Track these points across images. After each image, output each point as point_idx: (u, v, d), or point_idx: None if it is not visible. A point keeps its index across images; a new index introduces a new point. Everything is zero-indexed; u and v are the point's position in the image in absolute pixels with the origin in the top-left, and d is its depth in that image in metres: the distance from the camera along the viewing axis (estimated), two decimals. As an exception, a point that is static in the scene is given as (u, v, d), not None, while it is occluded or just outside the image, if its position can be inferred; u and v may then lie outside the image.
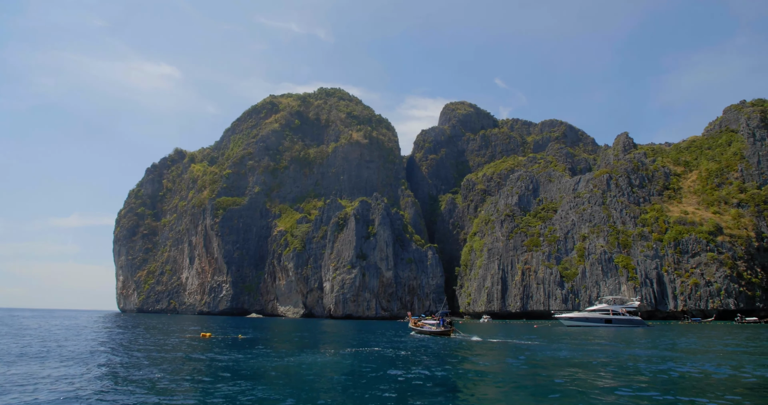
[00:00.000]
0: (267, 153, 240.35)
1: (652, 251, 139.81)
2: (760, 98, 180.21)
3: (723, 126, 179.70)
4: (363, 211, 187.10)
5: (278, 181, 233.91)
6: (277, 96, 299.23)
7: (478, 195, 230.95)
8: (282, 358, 24.84)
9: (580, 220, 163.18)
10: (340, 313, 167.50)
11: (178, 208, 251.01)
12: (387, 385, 16.36)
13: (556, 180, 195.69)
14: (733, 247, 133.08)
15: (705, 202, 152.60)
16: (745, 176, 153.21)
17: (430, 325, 48.49)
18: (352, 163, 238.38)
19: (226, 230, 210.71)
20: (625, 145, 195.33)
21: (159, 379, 17.31)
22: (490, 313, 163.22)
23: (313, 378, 18.60)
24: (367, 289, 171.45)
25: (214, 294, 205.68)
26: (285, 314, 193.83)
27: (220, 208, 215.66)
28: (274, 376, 18.94)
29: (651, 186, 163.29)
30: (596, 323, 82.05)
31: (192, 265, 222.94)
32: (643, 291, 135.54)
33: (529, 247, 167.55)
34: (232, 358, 24.32)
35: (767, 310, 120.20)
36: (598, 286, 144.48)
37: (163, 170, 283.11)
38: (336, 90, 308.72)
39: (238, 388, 15.44)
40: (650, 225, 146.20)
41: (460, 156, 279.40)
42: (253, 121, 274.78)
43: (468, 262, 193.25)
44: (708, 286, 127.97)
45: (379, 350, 30.06)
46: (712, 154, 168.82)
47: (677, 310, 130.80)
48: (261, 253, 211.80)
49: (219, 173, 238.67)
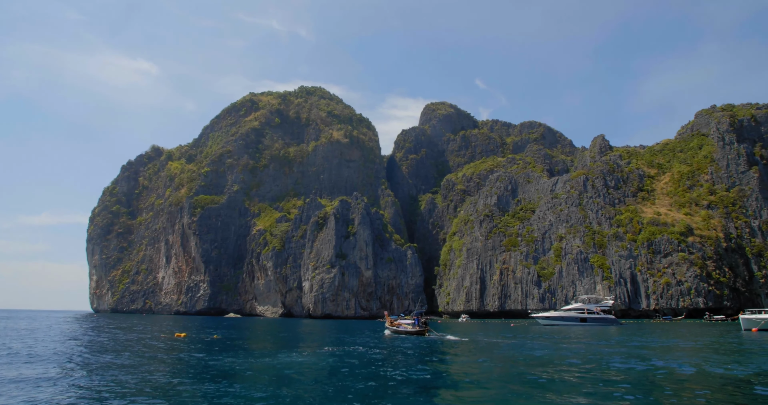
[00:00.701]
0: (246, 151, 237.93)
1: (626, 251, 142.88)
2: (729, 103, 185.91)
3: (694, 130, 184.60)
4: (343, 211, 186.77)
5: (258, 179, 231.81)
6: (257, 94, 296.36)
7: (458, 195, 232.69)
8: (257, 358, 24.70)
9: (557, 220, 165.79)
10: (319, 312, 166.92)
11: (154, 206, 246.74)
12: (362, 384, 16.43)
13: (535, 181, 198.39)
14: (703, 247, 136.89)
15: (677, 203, 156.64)
16: (714, 179, 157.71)
17: (406, 325, 48.81)
18: (332, 162, 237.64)
19: (204, 229, 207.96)
20: (602, 147, 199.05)
21: (128, 380, 17.05)
22: (469, 312, 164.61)
23: (288, 378, 18.55)
24: (346, 288, 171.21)
25: (191, 294, 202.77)
26: (263, 314, 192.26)
27: (198, 207, 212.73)
28: (249, 375, 18.84)
29: (626, 187, 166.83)
30: (572, 322, 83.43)
31: (168, 264, 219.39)
32: (617, 290, 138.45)
33: (507, 247, 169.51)
34: (206, 358, 24.08)
35: (734, 308, 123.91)
36: (574, 285, 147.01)
37: (140, 168, 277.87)
38: (317, 89, 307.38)
39: (212, 389, 15.33)
40: (625, 226, 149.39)
41: (441, 156, 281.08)
42: (232, 119, 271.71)
43: (447, 262, 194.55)
44: (679, 285, 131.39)
45: (355, 349, 30.11)
46: (684, 157, 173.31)
47: (650, 309, 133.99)
48: (239, 253, 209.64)
49: (197, 171, 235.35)
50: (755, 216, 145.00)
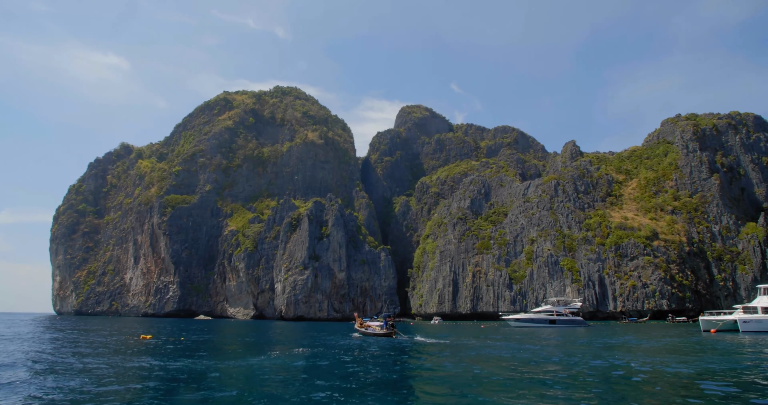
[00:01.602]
0: (219, 150, 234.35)
1: (594, 255, 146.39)
2: (693, 113, 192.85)
3: (660, 137, 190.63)
4: (316, 212, 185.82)
5: (230, 179, 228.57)
6: (232, 93, 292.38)
7: (432, 198, 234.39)
8: (224, 360, 24.39)
9: (529, 224, 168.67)
10: (292, 314, 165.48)
11: (123, 205, 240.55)
12: (329, 386, 16.43)
13: (507, 185, 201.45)
14: (667, 251, 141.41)
15: (643, 208, 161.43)
16: (678, 185, 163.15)
17: (375, 327, 49.41)
18: (306, 163, 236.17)
19: (175, 229, 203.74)
20: (573, 152, 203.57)
21: (86, 385, 16.61)
22: (441, 314, 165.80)
23: (256, 380, 18.40)
24: (319, 290, 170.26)
25: (160, 295, 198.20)
26: (235, 316, 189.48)
27: (168, 206, 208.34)
28: (215, 378, 18.59)
29: (595, 192, 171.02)
30: (541, 324, 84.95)
31: (137, 265, 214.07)
32: (585, 292, 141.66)
33: (480, 249, 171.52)
34: (171, 361, 23.65)
35: (696, 310, 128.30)
36: (544, 287, 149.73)
37: (108, 165, 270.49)
38: (292, 89, 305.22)
39: (175, 392, 15.09)
40: (594, 230, 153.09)
41: (415, 159, 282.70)
42: (205, 118, 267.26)
43: (420, 264, 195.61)
44: (644, 287, 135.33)
45: (324, 351, 30.03)
46: (651, 163, 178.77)
47: (616, 311, 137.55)
48: (211, 253, 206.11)
49: (168, 170, 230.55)
50: (716, 221, 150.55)
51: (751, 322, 51.21)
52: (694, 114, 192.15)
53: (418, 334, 50.46)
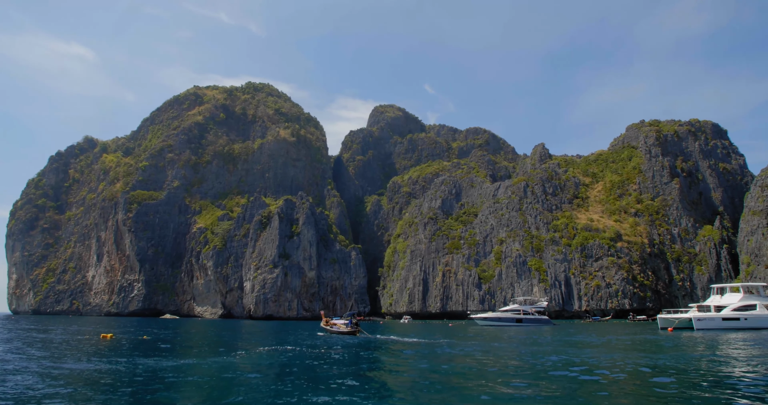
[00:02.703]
0: (188, 146, 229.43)
1: (561, 255, 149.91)
2: (656, 119, 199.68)
3: (625, 142, 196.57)
4: (287, 210, 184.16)
5: (200, 176, 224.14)
6: (202, 87, 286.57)
7: (404, 197, 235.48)
8: (188, 360, 23.99)
9: (498, 224, 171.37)
10: (261, 313, 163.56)
11: (86, 200, 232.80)
12: (284, 385, 16.39)
13: (478, 186, 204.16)
14: (630, 252, 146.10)
15: (608, 210, 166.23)
16: (641, 188, 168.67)
17: (340, 325, 50.49)
18: (278, 160, 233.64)
19: (141, 226, 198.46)
20: (542, 155, 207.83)
21: (38, 385, 16.09)
22: (411, 313, 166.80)
23: (216, 379, 18.17)
24: (289, 289, 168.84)
25: (124, 294, 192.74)
26: (202, 315, 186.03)
27: (134, 202, 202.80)
28: (178, 378, 18.27)
29: (563, 194, 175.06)
30: (508, 323, 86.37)
31: (100, 262, 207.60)
32: (552, 292, 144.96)
33: (450, 249, 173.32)
34: (131, 360, 23.11)
35: (656, 309, 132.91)
36: (512, 287, 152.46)
37: (70, 159, 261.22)
38: (265, 85, 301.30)
39: (134, 393, 14.78)
40: (561, 231, 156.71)
41: (388, 158, 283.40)
42: (174, 112, 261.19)
43: (391, 263, 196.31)
44: (608, 287, 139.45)
45: (289, 350, 29.88)
46: (616, 167, 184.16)
47: (581, 310, 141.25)
48: (178, 251, 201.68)
49: (134, 165, 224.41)
50: (675, 224, 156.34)
51: (705, 320, 53.47)
52: (657, 120, 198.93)
53: (382, 333, 51.45)
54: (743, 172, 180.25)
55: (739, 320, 54.12)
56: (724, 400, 13.15)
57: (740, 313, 54.56)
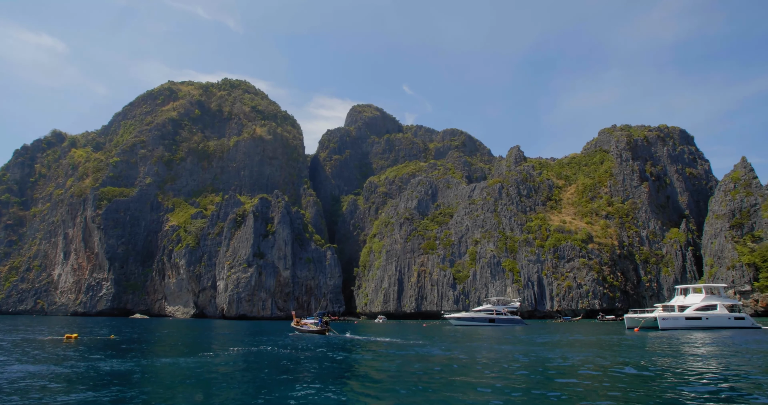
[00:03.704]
0: (162, 142, 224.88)
1: (534, 256, 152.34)
2: (627, 124, 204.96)
3: (597, 146, 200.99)
4: (262, 209, 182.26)
5: (173, 172, 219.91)
6: (177, 83, 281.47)
7: (380, 197, 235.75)
8: (156, 360, 23.54)
9: (473, 225, 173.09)
10: (234, 313, 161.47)
11: (52, 196, 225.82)
12: (249, 386, 16.26)
13: (454, 187, 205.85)
14: (600, 253, 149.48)
15: (580, 213, 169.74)
16: (612, 191, 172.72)
17: (310, 325, 51.51)
18: (253, 158, 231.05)
19: (111, 223, 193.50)
20: (517, 157, 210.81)
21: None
22: (386, 313, 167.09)
23: (188, 380, 17.90)
24: (263, 288, 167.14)
25: (91, 293, 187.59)
26: (174, 314, 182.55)
27: (104, 199, 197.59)
28: (144, 378, 17.92)
29: (537, 196, 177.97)
30: (481, 322, 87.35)
31: (67, 260, 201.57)
32: (525, 293, 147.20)
33: (425, 249, 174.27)
34: (96, 361, 22.55)
35: (624, 309, 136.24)
36: (486, 287, 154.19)
37: (37, 153, 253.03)
38: (241, 82, 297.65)
39: (98, 395, 14.44)
40: (534, 232, 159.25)
41: (365, 158, 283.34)
42: (148, 107, 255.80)
43: (367, 263, 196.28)
44: (579, 288, 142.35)
45: (258, 349, 29.62)
46: (588, 170, 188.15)
47: (553, 310, 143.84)
48: (149, 249, 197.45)
49: (105, 161, 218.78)
50: (644, 226, 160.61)
51: (669, 319, 55.16)
52: (628, 125, 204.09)
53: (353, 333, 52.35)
54: (708, 177, 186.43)
55: (701, 320, 56.00)
56: (677, 395, 13.62)
57: (702, 312, 56.48)
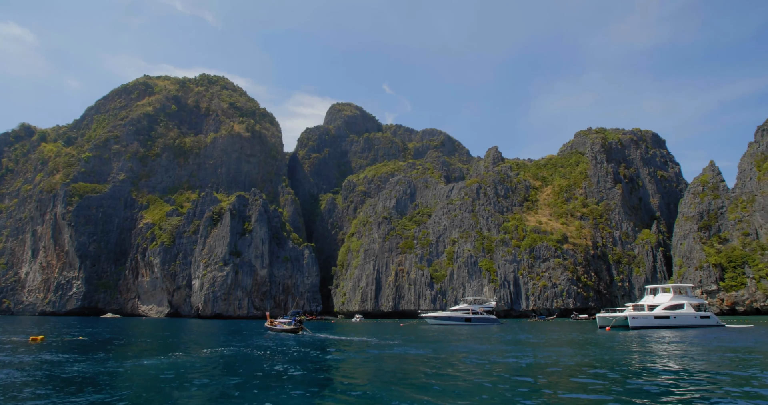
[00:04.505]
0: (137, 138, 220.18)
1: (511, 256, 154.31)
2: (602, 127, 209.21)
3: (573, 148, 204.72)
4: (239, 207, 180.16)
5: (148, 169, 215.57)
6: (153, 77, 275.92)
7: (358, 196, 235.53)
8: (125, 361, 23.08)
9: (451, 225, 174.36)
10: (209, 312, 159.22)
11: (20, 192, 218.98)
12: (222, 385, 16.12)
13: (432, 186, 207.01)
14: (575, 253, 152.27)
15: (556, 213, 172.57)
16: (587, 193, 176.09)
17: (283, 324, 52.11)
18: (231, 155, 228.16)
19: (82, 220, 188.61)
20: (495, 158, 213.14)
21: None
22: (364, 312, 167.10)
23: (149, 382, 17.60)
24: (239, 287, 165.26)
25: (61, 292, 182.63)
26: (147, 314, 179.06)
27: (75, 195, 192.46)
28: (106, 381, 17.55)
29: (514, 197, 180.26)
30: (457, 322, 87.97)
31: (35, 258, 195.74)
32: (501, 292, 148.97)
33: (403, 249, 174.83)
34: (63, 363, 22.00)
35: (597, 308, 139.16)
36: (464, 287, 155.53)
37: (4, 147, 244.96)
38: (219, 78, 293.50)
39: (63, 399, 14.10)
40: (511, 232, 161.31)
41: (343, 157, 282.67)
42: (122, 102, 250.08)
43: (345, 262, 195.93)
44: (554, 287, 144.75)
45: (230, 349, 29.33)
46: (564, 172, 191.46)
47: (528, 309, 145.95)
48: (122, 247, 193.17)
49: (77, 156, 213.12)
50: (617, 227, 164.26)
51: (639, 318, 56.50)
52: (603, 128, 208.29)
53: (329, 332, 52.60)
54: (678, 179, 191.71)
55: (669, 318, 57.54)
56: (638, 389, 14.01)
57: (670, 312, 58.05)
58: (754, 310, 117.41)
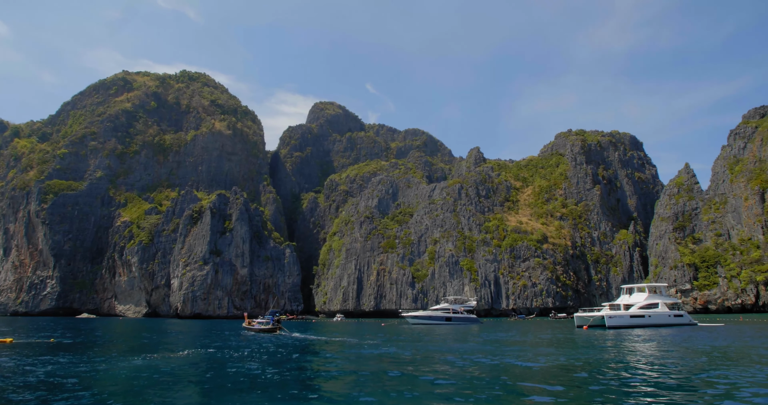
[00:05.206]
0: (115, 134, 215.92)
1: (491, 256, 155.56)
2: (582, 129, 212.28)
3: (554, 149, 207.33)
4: (220, 205, 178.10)
5: (126, 166, 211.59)
6: (132, 73, 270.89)
7: (341, 195, 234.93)
8: (94, 364, 22.59)
9: (432, 225, 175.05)
10: (189, 312, 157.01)
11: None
12: (194, 388, 15.90)
13: (414, 186, 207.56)
14: (555, 253, 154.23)
15: (536, 214, 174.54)
16: (567, 194, 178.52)
17: (260, 323, 52.33)
18: (212, 153, 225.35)
19: (57, 218, 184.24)
20: (476, 158, 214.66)
21: None
22: (345, 311, 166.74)
23: (122, 385, 17.26)
24: (219, 286, 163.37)
25: (34, 291, 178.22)
26: (124, 314, 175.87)
27: (50, 193, 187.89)
28: (75, 384, 17.15)
29: (495, 197, 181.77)
30: (438, 321, 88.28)
31: (7, 257, 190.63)
32: (482, 291, 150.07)
33: (385, 248, 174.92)
34: (31, 368, 21.44)
35: (576, 307, 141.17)
36: (445, 286, 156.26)
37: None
38: (201, 75, 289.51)
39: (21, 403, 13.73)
40: (492, 232, 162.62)
41: (326, 156, 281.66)
42: (100, 97, 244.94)
43: (326, 262, 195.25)
44: (533, 287, 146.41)
45: (205, 351, 28.97)
46: (544, 172, 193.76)
47: (509, 308, 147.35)
48: (99, 246, 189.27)
49: (52, 152, 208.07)
50: (595, 228, 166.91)
51: (615, 317, 57.49)
52: (582, 130, 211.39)
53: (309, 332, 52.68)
54: (655, 181, 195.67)
55: (644, 317, 58.69)
56: (606, 388, 14.26)
57: (645, 311, 59.21)
58: (726, 309, 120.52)
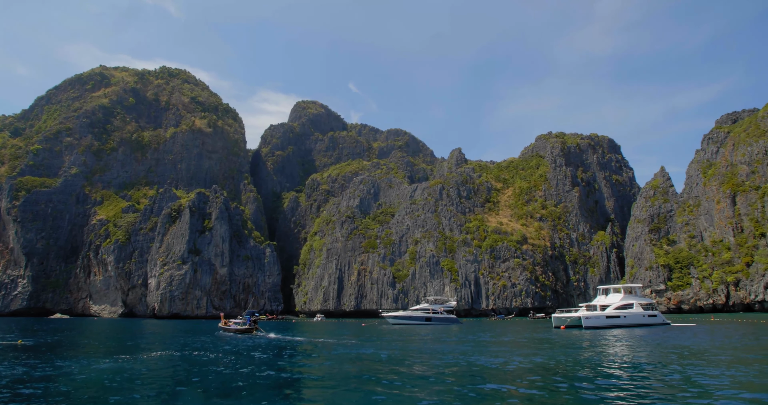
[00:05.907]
0: (91, 130, 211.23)
1: (472, 256, 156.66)
2: (562, 131, 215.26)
3: (534, 151, 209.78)
4: (199, 204, 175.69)
5: (103, 163, 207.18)
6: (110, 68, 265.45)
7: (322, 195, 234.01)
8: (62, 367, 22.00)
9: (414, 225, 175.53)
10: (166, 312, 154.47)
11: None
12: (159, 392, 15.60)
13: (396, 186, 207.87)
14: (534, 254, 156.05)
15: (516, 215, 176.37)
16: (546, 195, 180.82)
17: (236, 324, 52.15)
18: (192, 151, 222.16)
19: (29, 215, 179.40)
20: (458, 159, 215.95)
21: None
22: (326, 311, 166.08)
23: (92, 390, 16.84)
24: (198, 286, 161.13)
25: (5, 291, 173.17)
26: (99, 314, 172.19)
27: (22, 189, 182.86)
28: (43, 387, 16.67)
29: (476, 198, 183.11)
30: (418, 321, 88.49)
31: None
32: (462, 291, 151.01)
33: (366, 248, 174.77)
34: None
35: (554, 307, 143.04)
36: (425, 286, 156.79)
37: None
38: (181, 71, 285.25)
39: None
40: (472, 233, 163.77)
41: (308, 155, 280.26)
42: (76, 92, 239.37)
43: (307, 261, 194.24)
44: (513, 287, 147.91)
45: (180, 354, 28.49)
46: (525, 174, 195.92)
47: (488, 309, 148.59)
48: (73, 245, 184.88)
49: (24, 148, 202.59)
50: (574, 229, 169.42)
51: (591, 318, 58.38)
52: (562, 132, 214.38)
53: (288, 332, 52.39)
54: (632, 184, 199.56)
55: (620, 318, 59.73)
56: (580, 387, 14.43)
57: (620, 311, 60.27)
58: (698, 309, 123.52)
